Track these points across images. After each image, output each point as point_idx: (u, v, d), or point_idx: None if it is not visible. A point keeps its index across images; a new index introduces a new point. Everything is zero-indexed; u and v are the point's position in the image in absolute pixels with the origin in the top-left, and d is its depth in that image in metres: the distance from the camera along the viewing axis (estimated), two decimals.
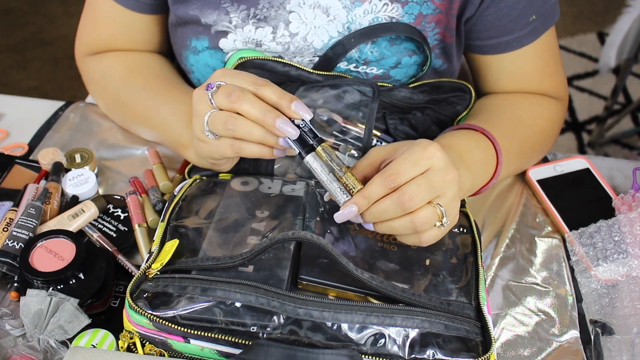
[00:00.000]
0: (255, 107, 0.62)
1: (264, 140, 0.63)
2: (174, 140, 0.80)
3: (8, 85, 2.29)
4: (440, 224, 0.62)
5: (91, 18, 0.89)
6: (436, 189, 0.61)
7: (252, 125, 0.63)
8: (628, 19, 1.70)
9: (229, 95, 0.62)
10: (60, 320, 0.62)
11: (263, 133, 0.63)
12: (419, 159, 0.61)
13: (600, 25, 2.61)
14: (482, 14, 0.79)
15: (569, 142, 2.15)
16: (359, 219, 0.63)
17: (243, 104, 0.62)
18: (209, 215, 0.69)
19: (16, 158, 0.86)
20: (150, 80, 0.86)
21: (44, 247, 0.68)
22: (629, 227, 0.75)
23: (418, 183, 0.60)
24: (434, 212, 0.61)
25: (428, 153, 0.62)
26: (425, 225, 0.61)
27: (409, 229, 0.61)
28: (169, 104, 0.82)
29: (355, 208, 0.62)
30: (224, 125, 0.63)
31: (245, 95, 0.62)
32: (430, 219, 0.61)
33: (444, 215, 0.62)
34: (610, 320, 0.70)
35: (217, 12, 0.79)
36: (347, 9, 0.78)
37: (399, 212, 0.61)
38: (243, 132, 0.63)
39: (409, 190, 0.60)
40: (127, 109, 0.86)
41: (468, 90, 0.85)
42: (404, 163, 0.61)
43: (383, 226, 0.63)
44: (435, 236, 0.63)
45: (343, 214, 0.62)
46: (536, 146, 0.84)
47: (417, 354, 0.57)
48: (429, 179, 0.61)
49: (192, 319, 0.58)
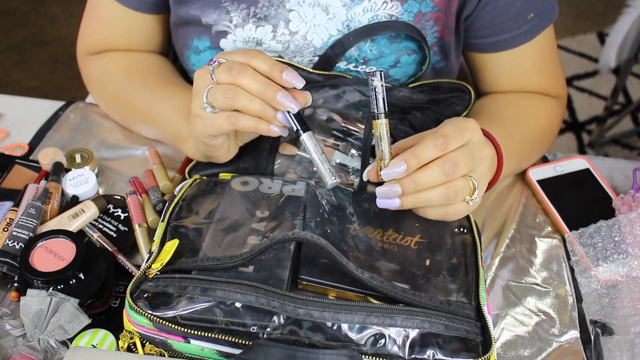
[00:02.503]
0: (256, 80, 0.63)
1: (263, 113, 0.64)
2: (174, 135, 0.81)
3: (8, 85, 2.29)
4: (470, 199, 0.62)
5: (93, 18, 0.89)
6: (475, 162, 0.62)
7: (252, 97, 0.63)
8: (628, 19, 1.70)
9: (230, 70, 0.63)
10: (61, 320, 0.62)
11: (262, 105, 0.63)
12: (464, 128, 0.62)
13: (600, 25, 2.61)
14: (480, 11, 0.79)
15: (569, 142, 2.15)
16: (397, 191, 0.61)
17: (244, 77, 0.63)
18: (209, 215, 0.69)
19: (16, 158, 0.86)
20: (150, 79, 0.86)
21: (44, 247, 0.68)
22: (629, 228, 0.75)
23: (462, 152, 0.61)
24: (467, 184, 0.61)
25: (470, 125, 0.62)
26: (458, 196, 0.61)
27: (442, 198, 0.60)
28: (168, 101, 0.82)
29: (404, 166, 0.60)
30: (223, 95, 0.63)
31: (246, 70, 0.63)
32: (464, 190, 0.61)
33: (475, 189, 0.62)
34: (610, 321, 0.70)
35: (217, 11, 0.79)
36: (347, 7, 0.78)
37: (442, 179, 0.60)
38: (242, 102, 0.63)
39: (454, 157, 0.60)
40: (128, 107, 0.87)
41: (467, 91, 0.85)
42: (451, 128, 0.61)
43: (418, 196, 0.61)
44: (461, 211, 0.63)
45: (390, 172, 0.60)
46: (536, 145, 0.85)
47: (417, 354, 0.57)
48: (470, 149, 0.61)
49: (192, 319, 0.58)
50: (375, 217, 0.70)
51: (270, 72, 0.64)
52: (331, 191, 0.72)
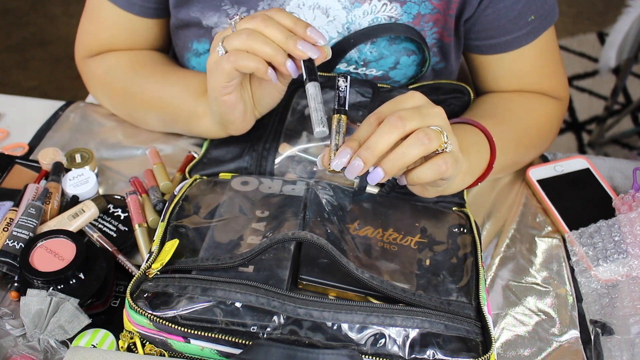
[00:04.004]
0: (278, 29, 0.63)
1: (273, 57, 0.64)
2: (189, 114, 0.81)
3: (8, 85, 2.29)
4: (445, 146, 0.61)
5: (92, 21, 0.88)
6: (425, 116, 0.61)
7: (267, 40, 0.63)
8: (628, 19, 1.70)
9: (253, 18, 0.64)
10: (61, 320, 0.62)
11: (275, 50, 0.64)
12: (399, 100, 0.63)
13: (600, 25, 2.61)
14: (481, 14, 0.79)
15: (569, 142, 2.15)
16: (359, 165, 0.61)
17: (268, 27, 0.63)
18: (209, 215, 0.69)
19: (16, 158, 0.86)
20: (157, 67, 0.86)
21: (44, 247, 0.68)
22: (629, 227, 0.75)
23: (406, 110, 0.61)
24: (433, 130, 0.61)
25: (407, 94, 0.64)
26: (432, 142, 0.60)
27: (418, 146, 0.60)
28: (180, 81, 0.83)
29: (348, 149, 0.61)
30: (238, 37, 0.64)
31: (270, 20, 0.64)
32: (434, 134, 0.60)
33: (444, 135, 0.61)
34: (610, 320, 0.70)
35: (217, 14, 0.79)
36: (347, 9, 0.78)
37: (394, 133, 0.60)
38: (255, 43, 0.63)
39: (397, 112, 0.60)
40: (136, 98, 0.86)
41: (467, 92, 0.85)
42: (386, 105, 0.63)
43: (393, 156, 0.61)
44: (448, 161, 0.62)
45: (338, 162, 0.61)
46: (532, 139, 0.84)
47: (417, 354, 0.57)
48: (415, 108, 0.62)
49: (193, 319, 0.58)
50: (375, 217, 0.70)
51: (294, 27, 0.64)
52: (331, 191, 0.72)
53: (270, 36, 0.63)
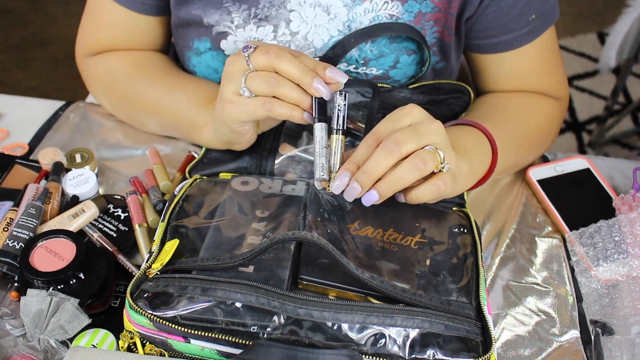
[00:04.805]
0: (294, 64, 0.64)
1: (300, 101, 0.65)
2: (189, 124, 0.81)
3: (8, 85, 2.29)
4: (442, 165, 0.63)
5: (93, 20, 0.89)
6: (423, 136, 0.62)
7: (293, 85, 0.64)
8: (628, 19, 1.70)
9: (267, 53, 0.64)
10: (61, 320, 0.62)
11: (301, 94, 0.65)
12: (398, 117, 0.64)
13: (600, 25, 2.61)
14: (482, 13, 0.79)
15: (569, 142, 2.15)
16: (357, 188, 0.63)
17: (282, 62, 0.64)
18: (209, 215, 0.69)
19: (16, 158, 0.86)
20: (158, 72, 0.87)
21: (44, 247, 0.68)
22: (629, 227, 0.75)
23: (402, 130, 0.62)
24: (429, 152, 0.62)
25: (405, 111, 0.64)
26: (428, 164, 0.61)
27: (413, 171, 0.61)
28: (181, 90, 0.83)
29: (346, 173, 0.63)
30: (266, 82, 0.64)
31: (284, 54, 0.64)
32: (429, 156, 0.61)
33: (440, 156, 0.62)
34: (610, 320, 0.70)
35: (219, 11, 0.79)
36: (348, 7, 0.78)
37: (389, 157, 0.61)
38: (284, 90, 0.64)
39: (393, 136, 0.61)
40: (137, 102, 0.86)
41: (467, 92, 0.85)
42: (384, 123, 0.64)
43: (388, 180, 0.62)
44: (446, 180, 0.63)
45: (338, 184, 0.63)
46: (533, 140, 0.84)
47: (418, 354, 0.57)
48: (413, 127, 0.63)
49: (193, 319, 0.58)
50: (375, 217, 0.70)
51: (315, 69, 0.65)
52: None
53: (287, 73, 0.64)
